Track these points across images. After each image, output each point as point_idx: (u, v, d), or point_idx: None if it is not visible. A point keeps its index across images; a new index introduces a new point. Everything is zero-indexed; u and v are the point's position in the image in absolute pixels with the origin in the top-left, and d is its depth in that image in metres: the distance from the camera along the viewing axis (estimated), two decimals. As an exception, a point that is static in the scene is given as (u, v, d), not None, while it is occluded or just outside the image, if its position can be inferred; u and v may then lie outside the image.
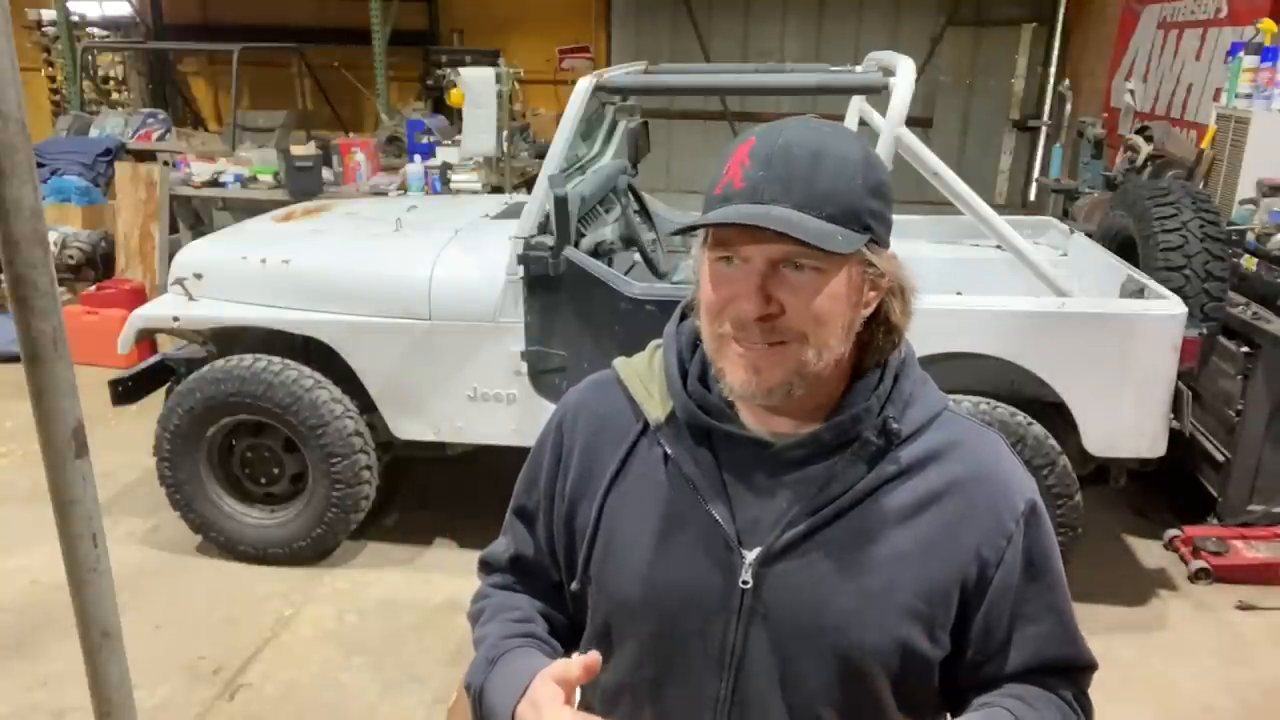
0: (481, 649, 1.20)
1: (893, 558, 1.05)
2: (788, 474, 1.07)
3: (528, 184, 5.91)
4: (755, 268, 0.98)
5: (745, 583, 1.06)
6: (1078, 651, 1.13)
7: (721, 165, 1.02)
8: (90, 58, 9.40)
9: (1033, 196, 9.33)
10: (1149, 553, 3.75)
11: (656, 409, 1.13)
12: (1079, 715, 1.12)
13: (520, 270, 3.26)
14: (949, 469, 1.07)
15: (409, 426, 3.52)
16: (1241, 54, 4.80)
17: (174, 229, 6.45)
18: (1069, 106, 7.65)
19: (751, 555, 1.06)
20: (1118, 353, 3.05)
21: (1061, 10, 9.42)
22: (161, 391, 3.75)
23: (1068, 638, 1.12)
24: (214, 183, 6.39)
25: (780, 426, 1.07)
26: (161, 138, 7.93)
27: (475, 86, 5.78)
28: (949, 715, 1.17)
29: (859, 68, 3.49)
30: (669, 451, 1.11)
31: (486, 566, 1.34)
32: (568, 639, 1.27)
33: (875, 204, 1.01)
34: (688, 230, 1.03)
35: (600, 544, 1.14)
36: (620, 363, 1.21)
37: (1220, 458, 3.70)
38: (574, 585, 1.18)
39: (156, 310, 3.63)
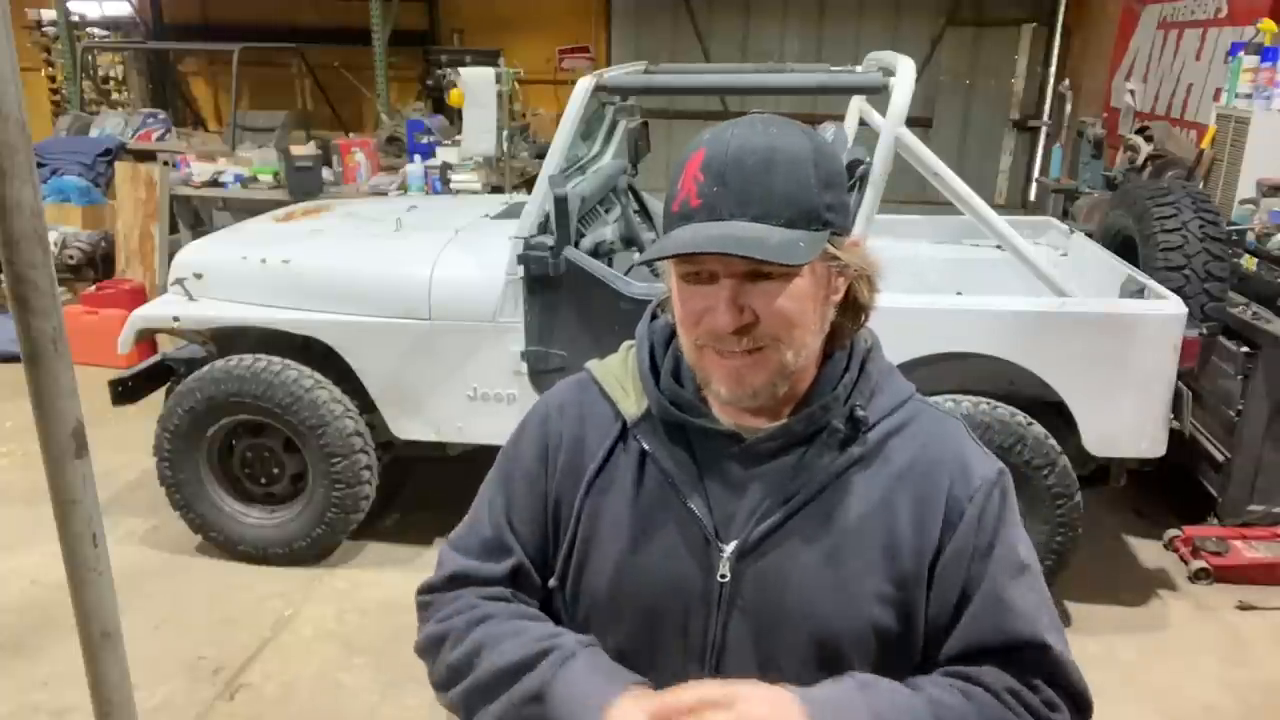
0: (521, 641, 1.10)
1: (861, 545, 1.07)
2: (760, 466, 1.09)
3: (528, 184, 5.90)
4: (724, 283, 1.00)
5: (723, 576, 1.07)
6: (1030, 629, 1.06)
7: (676, 179, 1.03)
8: (90, 58, 9.41)
9: (1033, 196, 9.33)
10: (1149, 553, 3.75)
11: (632, 406, 1.15)
12: (1016, 705, 1.04)
13: (520, 270, 3.26)
14: (910, 455, 1.09)
15: (409, 426, 3.52)
16: (1241, 54, 4.80)
17: (174, 229, 6.46)
18: (1069, 106, 7.65)
19: (729, 549, 1.08)
20: (1118, 353, 3.05)
21: (1061, 10, 9.42)
22: (161, 391, 3.75)
23: (1017, 616, 1.06)
24: (214, 183, 6.39)
25: (753, 419, 1.10)
26: (161, 138, 7.93)
27: (475, 86, 5.79)
28: None
29: (859, 68, 3.49)
30: (646, 447, 1.13)
31: (462, 581, 1.23)
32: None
33: (830, 196, 1.02)
34: (653, 261, 1.03)
35: (581, 541, 1.15)
36: (593, 364, 1.23)
37: (1220, 458, 3.70)
38: (552, 581, 1.19)
39: (156, 310, 3.63)
